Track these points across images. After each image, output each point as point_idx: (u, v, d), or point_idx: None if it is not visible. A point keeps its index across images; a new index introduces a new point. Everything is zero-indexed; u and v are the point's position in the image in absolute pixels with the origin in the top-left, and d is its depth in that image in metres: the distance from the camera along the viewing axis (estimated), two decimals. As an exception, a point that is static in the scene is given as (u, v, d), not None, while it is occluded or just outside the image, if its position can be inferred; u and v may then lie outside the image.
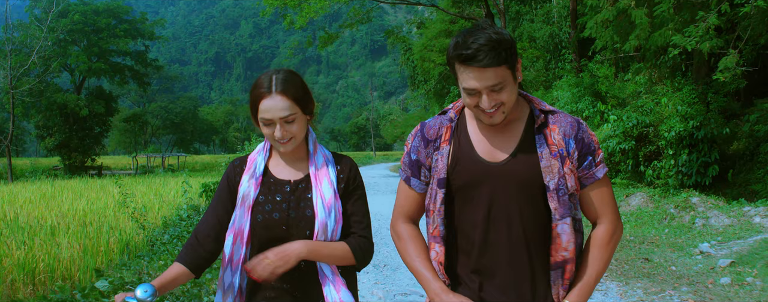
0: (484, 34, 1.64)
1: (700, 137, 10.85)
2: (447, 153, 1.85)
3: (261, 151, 2.13)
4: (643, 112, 12.34)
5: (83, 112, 38.15)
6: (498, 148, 1.81)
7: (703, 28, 7.69)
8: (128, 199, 9.11)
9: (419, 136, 1.93)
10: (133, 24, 44.00)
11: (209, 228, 2.04)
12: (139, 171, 38.11)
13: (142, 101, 73.92)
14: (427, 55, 28.22)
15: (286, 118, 1.95)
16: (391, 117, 79.58)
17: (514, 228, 1.77)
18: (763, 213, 7.61)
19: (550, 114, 1.83)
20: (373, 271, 6.64)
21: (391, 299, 5.48)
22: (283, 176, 2.08)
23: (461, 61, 1.66)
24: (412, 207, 1.97)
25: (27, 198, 12.93)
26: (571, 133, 1.79)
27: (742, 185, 10.94)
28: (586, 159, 1.80)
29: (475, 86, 1.67)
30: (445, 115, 1.92)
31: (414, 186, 1.93)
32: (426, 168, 1.90)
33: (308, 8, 22.21)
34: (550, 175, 1.75)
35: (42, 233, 7.82)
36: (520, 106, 1.86)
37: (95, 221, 8.92)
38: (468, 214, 1.82)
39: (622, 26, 9.03)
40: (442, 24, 28.26)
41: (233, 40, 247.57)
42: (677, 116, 11.19)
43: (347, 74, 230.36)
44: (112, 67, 43.30)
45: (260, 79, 2.00)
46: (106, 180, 21.32)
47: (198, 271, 2.02)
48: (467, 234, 1.83)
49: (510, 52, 1.66)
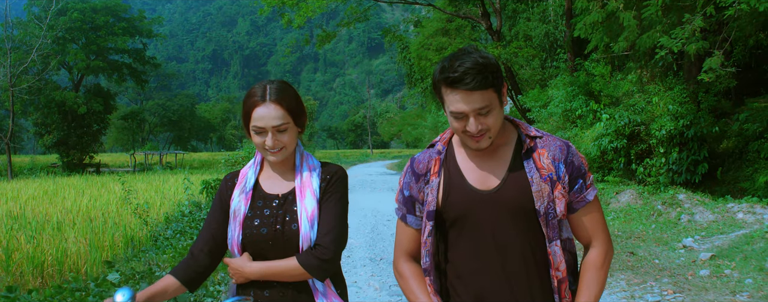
0: (470, 57, 1.67)
1: (690, 136, 11.12)
2: (436, 185, 1.85)
3: (252, 166, 2.14)
4: (635, 110, 12.59)
5: (81, 110, 38.33)
6: (488, 174, 1.81)
7: (689, 31, 7.96)
8: (131, 196, 9.34)
9: (410, 171, 1.93)
10: (131, 22, 44.16)
11: (203, 243, 2.08)
12: (136, 168, 38.29)
13: (139, 99, 74.01)
14: (424, 53, 28.28)
15: (278, 127, 1.97)
16: (389, 115, 79.70)
17: (511, 254, 1.77)
18: (745, 209, 7.89)
19: (538, 138, 1.82)
20: (370, 264, 6.91)
21: (386, 290, 5.76)
22: (273, 190, 2.09)
23: (448, 84, 1.68)
24: (412, 245, 1.95)
25: (30, 195, 13.16)
26: (560, 156, 1.79)
27: (730, 183, 11.21)
28: (577, 182, 1.80)
29: (462, 109, 1.68)
30: (433, 148, 1.92)
31: (410, 223, 1.94)
32: (420, 203, 1.91)
33: (306, 7, 22.29)
34: (540, 200, 1.75)
35: (49, 228, 8.06)
36: (508, 131, 1.86)
37: (99, 217, 9.16)
38: (463, 244, 1.82)
39: (611, 28, 9.30)
40: (439, 23, 28.36)
41: (230, 37, 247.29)
42: (668, 115, 11.45)
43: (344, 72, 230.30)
44: (110, 65, 43.50)
45: (254, 88, 2.01)
46: (106, 178, 21.54)
47: (191, 284, 2.04)
48: (463, 264, 1.83)
49: (496, 75, 1.69)
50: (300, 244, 1.98)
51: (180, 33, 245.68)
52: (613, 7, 8.84)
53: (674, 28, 8.43)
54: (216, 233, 2.08)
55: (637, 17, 8.85)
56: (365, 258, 7.21)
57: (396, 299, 5.45)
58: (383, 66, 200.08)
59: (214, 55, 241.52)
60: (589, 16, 9.09)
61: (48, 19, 32.73)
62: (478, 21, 24.23)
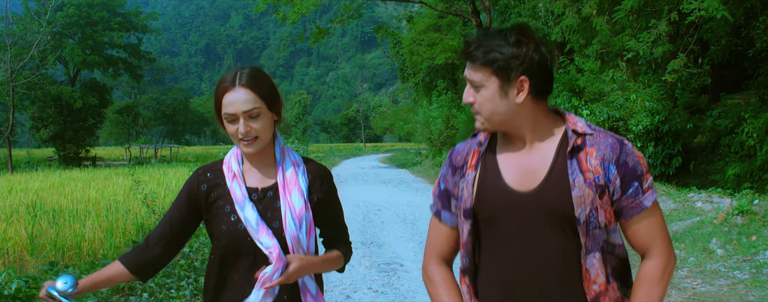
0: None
1: (665, 131, 11.90)
2: (472, 180, 1.68)
3: (233, 156, 2.03)
4: (614, 107, 13.34)
5: (77, 104, 38.84)
6: (528, 173, 1.63)
7: (654, 34, 8.68)
8: (140, 186, 10.01)
9: (448, 162, 1.77)
10: (126, 17, 44.68)
11: (160, 235, 1.98)
12: (132, 161, 38.83)
13: (133, 93, 74.38)
14: (416, 49, 28.78)
15: (249, 112, 1.86)
16: (381, 109, 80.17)
17: (545, 263, 1.61)
18: (704, 198, 8.62)
19: (587, 136, 1.62)
20: (362, 248, 7.67)
21: (376, 268, 6.52)
22: (252, 183, 1.98)
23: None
24: (445, 245, 1.78)
25: (39, 187, 13.82)
26: (611, 156, 1.58)
27: (702, 175, 11.97)
28: (632, 185, 1.59)
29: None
30: (475, 139, 1.74)
31: (445, 220, 1.77)
32: (455, 199, 1.74)
33: (301, 4, 22.78)
34: (581, 207, 1.55)
35: (65, 216, 8.72)
36: (554, 124, 1.67)
37: (111, 206, 9.83)
38: (494, 248, 1.67)
39: (585, 32, 10.02)
40: (431, 19, 28.90)
41: (224, 31, 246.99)
42: (645, 111, 12.23)
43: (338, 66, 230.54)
44: (106, 60, 44.03)
45: (224, 75, 1.93)
46: (107, 171, 22.17)
47: (141, 273, 1.97)
48: (494, 270, 1.68)
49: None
50: (289, 245, 1.90)
51: (173, 27, 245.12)
52: (587, 12, 9.56)
53: (642, 32, 9.16)
54: (176, 227, 1.98)
55: (609, 22, 9.57)
56: (357, 243, 7.96)
57: (383, 275, 6.18)
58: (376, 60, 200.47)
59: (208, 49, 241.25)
60: (566, 20, 9.81)
61: (47, 15, 33.20)
62: (469, 18, 24.91)
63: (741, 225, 6.84)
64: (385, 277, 6.09)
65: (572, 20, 9.59)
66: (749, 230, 6.69)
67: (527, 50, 1.55)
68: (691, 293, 5.25)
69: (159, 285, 5.10)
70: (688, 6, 8.28)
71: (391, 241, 8.12)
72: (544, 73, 1.59)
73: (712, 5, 7.96)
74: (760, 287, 5.25)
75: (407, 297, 5.32)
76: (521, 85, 1.57)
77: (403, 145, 59.64)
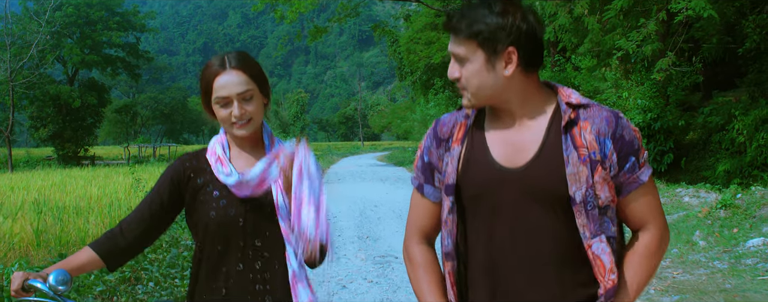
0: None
1: (657, 128, 12.13)
2: (458, 154, 1.58)
3: (218, 143, 1.95)
4: (608, 104, 13.57)
5: (76, 103, 39.03)
6: (517, 149, 1.53)
7: (644, 33, 8.90)
8: (141, 184, 10.22)
9: (432, 134, 1.66)
10: (124, 16, 44.86)
11: (137, 221, 1.89)
12: (130, 161, 39.02)
13: (131, 92, 74.48)
14: (414, 47, 28.92)
15: (243, 95, 1.82)
16: (379, 107, 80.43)
17: (536, 246, 1.50)
18: (691, 193, 8.87)
19: (582, 108, 1.52)
20: (358, 241, 7.95)
21: (371, 260, 6.78)
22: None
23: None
24: (427, 221, 1.67)
25: (41, 185, 14.02)
26: (607, 130, 1.49)
27: (694, 171, 12.20)
28: (629, 160, 1.50)
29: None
30: (461, 111, 1.64)
31: (427, 195, 1.66)
32: (439, 173, 1.63)
33: (298, 3, 22.94)
34: (576, 185, 1.46)
35: (69, 212, 8.93)
36: (545, 98, 1.57)
37: (113, 203, 10.04)
38: (480, 229, 1.56)
39: (577, 31, 10.25)
40: (428, 17, 29.03)
41: (221, 30, 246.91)
42: (637, 109, 12.47)
43: (335, 64, 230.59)
44: (105, 59, 44.21)
45: (210, 60, 1.88)
46: (109, 169, 22.39)
47: (112, 261, 1.87)
48: (479, 253, 1.56)
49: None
50: (282, 226, 1.85)
51: (171, 26, 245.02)
52: (579, 12, 9.79)
53: (632, 31, 9.39)
54: (156, 213, 1.90)
55: (599, 21, 9.80)
56: (354, 237, 8.25)
57: (378, 266, 6.42)
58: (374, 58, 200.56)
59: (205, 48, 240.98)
60: (558, 20, 10.04)
61: (46, 15, 33.38)
62: (465, 17, 25.08)
63: (724, 219, 7.08)
64: (379, 268, 6.33)
65: (564, 20, 9.83)
66: (731, 223, 6.94)
67: (514, 20, 1.46)
68: (670, 281, 5.48)
69: (164, 275, 5.31)
70: (677, 5, 8.50)
71: (386, 235, 8.35)
72: (534, 43, 1.49)
73: (700, 4, 8.19)
74: (738, 276, 5.49)
75: (400, 287, 5.55)
76: (509, 56, 1.47)
77: (401, 143, 59.83)
